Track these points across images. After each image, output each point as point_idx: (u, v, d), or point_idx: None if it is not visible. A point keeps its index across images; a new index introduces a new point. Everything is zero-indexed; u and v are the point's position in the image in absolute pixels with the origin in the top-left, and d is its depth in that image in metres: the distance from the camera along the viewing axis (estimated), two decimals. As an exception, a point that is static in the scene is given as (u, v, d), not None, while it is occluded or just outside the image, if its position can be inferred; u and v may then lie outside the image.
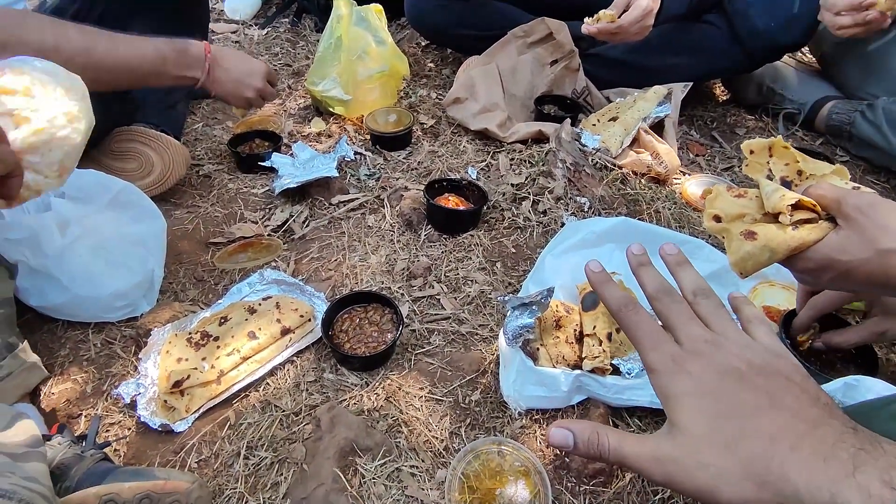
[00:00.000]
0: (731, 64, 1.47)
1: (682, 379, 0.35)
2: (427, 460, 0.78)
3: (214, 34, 1.99)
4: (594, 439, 0.36)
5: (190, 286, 1.06)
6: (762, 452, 0.31)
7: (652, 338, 0.38)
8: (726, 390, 0.34)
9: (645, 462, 0.35)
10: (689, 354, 0.36)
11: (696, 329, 0.38)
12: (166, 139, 1.21)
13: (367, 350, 0.91)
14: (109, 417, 0.84)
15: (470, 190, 1.22)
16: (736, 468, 0.31)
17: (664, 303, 0.40)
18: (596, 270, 0.44)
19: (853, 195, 0.54)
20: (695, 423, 0.34)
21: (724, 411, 0.33)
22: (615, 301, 0.41)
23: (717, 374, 0.35)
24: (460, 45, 1.71)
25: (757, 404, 0.33)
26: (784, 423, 0.32)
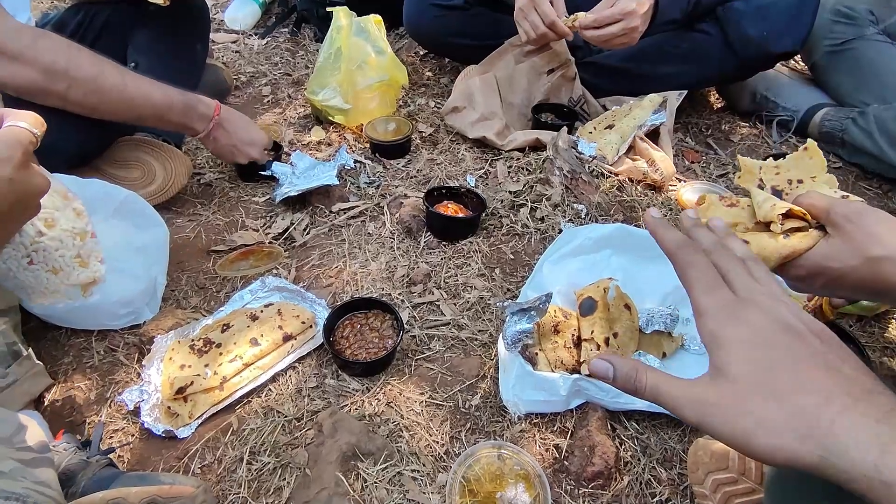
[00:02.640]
0: (725, 72, 1.49)
1: (737, 325, 0.34)
2: (428, 464, 0.80)
3: (215, 44, 2.01)
4: (632, 375, 0.36)
5: (192, 293, 1.08)
6: (814, 407, 0.31)
7: (707, 281, 0.37)
8: (783, 343, 0.33)
9: (681, 402, 0.34)
10: (747, 303, 0.36)
11: (752, 282, 0.38)
12: (168, 148, 1.22)
13: (367, 356, 0.92)
14: (113, 424, 0.85)
15: (468, 197, 1.23)
16: (781, 418, 0.31)
17: (719, 254, 0.40)
18: (655, 216, 0.43)
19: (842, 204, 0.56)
20: (744, 371, 0.33)
21: (778, 363, 0.33)
22: (672, 241, 0.40)
23: (776, 326, 0.34)
24: (458, 55, 1.73)
25: (814, 362, 0.32)
26: (840, 385, 0.31)
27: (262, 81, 1.82)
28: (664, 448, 0.83)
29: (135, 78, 1.03)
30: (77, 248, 0.76)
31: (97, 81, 0.96)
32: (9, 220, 0.60)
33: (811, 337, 0.34)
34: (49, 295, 0.75)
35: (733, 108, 1.71)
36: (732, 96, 1.70)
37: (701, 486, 0.73)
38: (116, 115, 1.03)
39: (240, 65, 1.91)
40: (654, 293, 1.01)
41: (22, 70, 0.91)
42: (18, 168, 0.57)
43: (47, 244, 0.73)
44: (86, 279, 0.77)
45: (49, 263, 0.74)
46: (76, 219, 0.77)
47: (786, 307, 0.36)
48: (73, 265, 0.75)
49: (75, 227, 0.76)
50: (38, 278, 0.74)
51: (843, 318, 1.03)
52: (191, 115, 1.11)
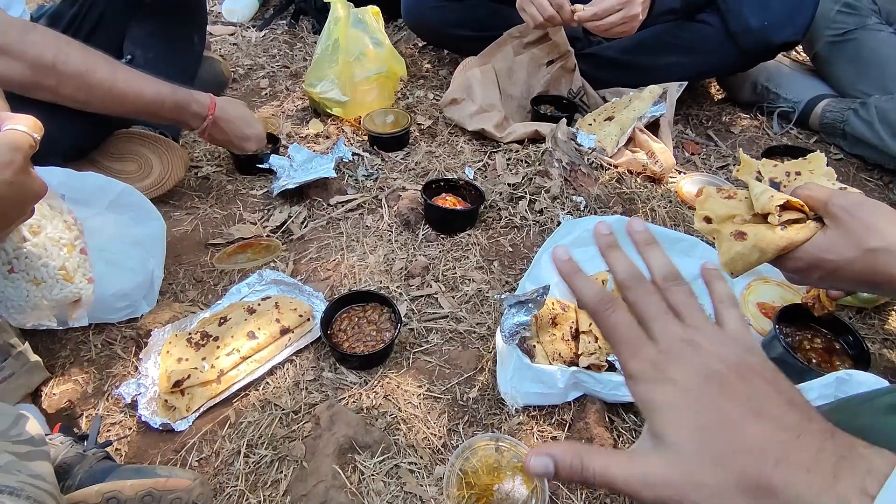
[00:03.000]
0: (726, 63, 1.48)
1: (665, 388, 0.34)
2: (425, 457, 0.79)
3: (212, 36, 2.00)
4: (577, 465, 0.34)
5: (189, 287, 1.07)
6: (752, 467, 0.31)
7: (630, 341, 0.36)
8: (710, 398, 0.33)
9: (634, 485, 0.33)
10: (669, 358, 0.35)
11: (673, 326, 0.37)
12: (165, 141, 1.22)
13: (365, 349, 0.92)
14: (111, 417, 0.85)
15: (467, 190, 1.23)
16: (730, 485, 0.31)
17: (637, 292, 0.38)
18: (564, 259, 0.40)
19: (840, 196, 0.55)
20: (682, 437, 0.33)
21: (710, 423, 0.33)
22: (591, 298, 0.38)
23: (699, 380, 0.34)
24: (457, 46, 1.72)
25: (741, 413, 0.33)
26: (768, 433, 0.32)
27: (259, 74, 1.81)
28: (662, 440, 0.83)
29: (126, 73, 1.01)
30: (62, 260, 0.74)
31: (86, 77, 0.95)
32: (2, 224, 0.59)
33: (732, 379, 0.34)
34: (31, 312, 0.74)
35: (734, 100, 1.69)
36: (733, 87, 1.68)
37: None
38: (107, 110, 1.02)
39: (237, 57, 1.90)
40: (652, 285, 1.01)
41: (10, 64, 0.90)
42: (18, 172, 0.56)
43: (30, 251, 0.72)
44: (70, 296, 0.76)
45: (31, 273, 0.73)
46: (65, 230, 0.76)
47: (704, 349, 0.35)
48: (56, 277, 0.74)
49: (62, 238, 0.75)
50: (18, 289, 0.73)
51: (843, 309, 1.02)
52: (183, 113, 1.10)
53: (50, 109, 1.05)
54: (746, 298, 1.01)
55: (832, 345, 0.90)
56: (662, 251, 0.41)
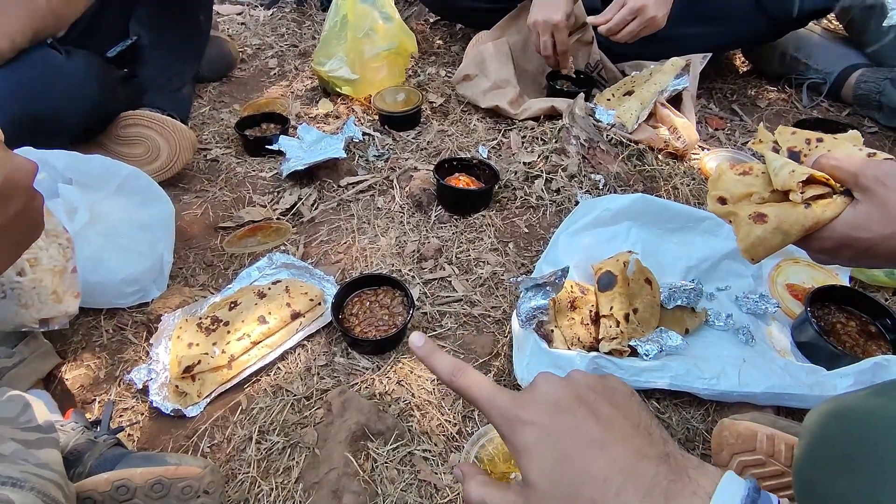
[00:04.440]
0: (754, 32, 1.40)
1: (523, 430, 0.35)
2: (440, 444, 0.77)
3: (220, 16, 1.96)
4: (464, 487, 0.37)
5: (199, 271, 1.06)
6: (599, 498, 0.32)
7: (486, 398, 0.38)
8: (562, 428, 0.34)
9: None
10: (522, 398, 0.36)
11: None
12: (173, 123, 1.19)
13: (377, 333, 0.89)
14: (122, 403, 0.84)
15: (481, 169, 1.19)
16: None
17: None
18: (419, 344, 0.41)
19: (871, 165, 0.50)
20: (540, 476, 0.34)
21: (562, 455, 0.34)
22: (442, 369, 0.40)
23: (548, 415, 0.35)
24: (469, 20, 1.66)
25: (589, 442, 0.34)
26: (613, 460, 0.33)
27: (268, 53, 1.78)
28: (686, 428, 0.80)
29: None
30: (55, 286, 0.76)
31: None
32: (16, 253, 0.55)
33: (578, 409, 0.35)
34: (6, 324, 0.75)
35: (760, 72, 1.61)
36: (759, 59, 1.60)
37: (726, 467, 0.70)
38: None
39: (245, 37, 1.86)
40: (676, 267, 0.97)
41: None
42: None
43: (25, 284, 0.73)
44: (57, 314, 0.77)
45: (22, 299, 0.74)
46: (59, 256, 0.76)
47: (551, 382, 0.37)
48: (46, 301, 0.75)
49: (56, 266, 0.76)
50: (6, 310, 0.74)
51: (879, 291, 0.97)
52: None
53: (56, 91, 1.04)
54: (775, 280, 0.96)
55: (868, 328, 0.86)
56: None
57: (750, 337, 0.88)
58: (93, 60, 1.14)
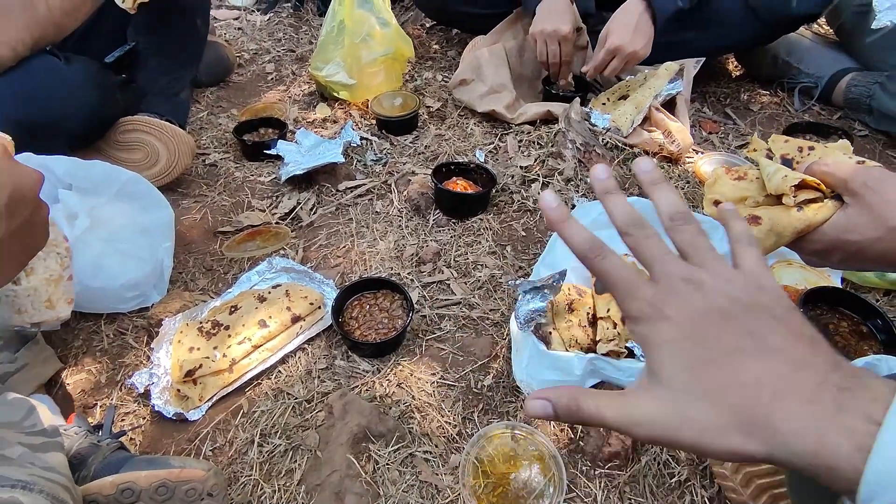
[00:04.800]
0: (746, 37, 1.42)
1: (661, 326, 0.33)
2: (440, 446, 0.78)
3: (217, 21, 1.97)
4: (573, 406, 0.34)
5: (199, 275, 1.06)
6: (747, 401, 0.30)
7: (626, 285, 0.35)
8: (708, 334, 0.32)
9: (625, 424, 0.33)
10: (667, 295, 0.33)
11: (673, 265, 0.35)
12: (171, 128, 1.20)
13: (377, 336, 0.90)
14: (124, 407, 0.85)
15: (478, 173, 1.20)
16: (722, 420, 0.30)
17: (635, 237, 0.36)
18: (553, 206, 0.37)
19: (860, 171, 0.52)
20: (676, 374, 0.32)
21: (706, 358, 0.31)
22: (580, 245, 0.36)
23: (697, 316, 0.32)
24: (466, 25, 1.67)
25: (740, 347, 0.31)
26: (768, 366, 0.30)
27: (265, 58, 1.78)
28: (682, 427, 0.81)
29: None
30: (49, 294, 0.76)
31: None
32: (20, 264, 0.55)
33: (737, 314, 0.32)
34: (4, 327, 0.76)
35: (753, 76, 1.64)
36: (752, 63, 1.62)
37: (721, 466, 0.71)
38: None
39: (242, 42, 1.87)
40: (671, 269, 0.98)
41: None
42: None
43: (20, 292, 0.74)
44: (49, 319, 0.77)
45: (16, 306, 0.74)
46: (56, 266, 0.77)
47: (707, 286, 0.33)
48: (40, 308, 0.76)
49: (52, 276, 0.76)
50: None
51: (871, 292, 0.99)
52: None
53: (56, 96, 1.04)
54: (768, 281, 0.98)
55: (860, 328, 0.87)
56: (671, 189, 0.39)
57: (744, 338, 0.90)
58: (91, 66, 1.15)
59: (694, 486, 0.75)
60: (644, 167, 0.40)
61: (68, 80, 1.06)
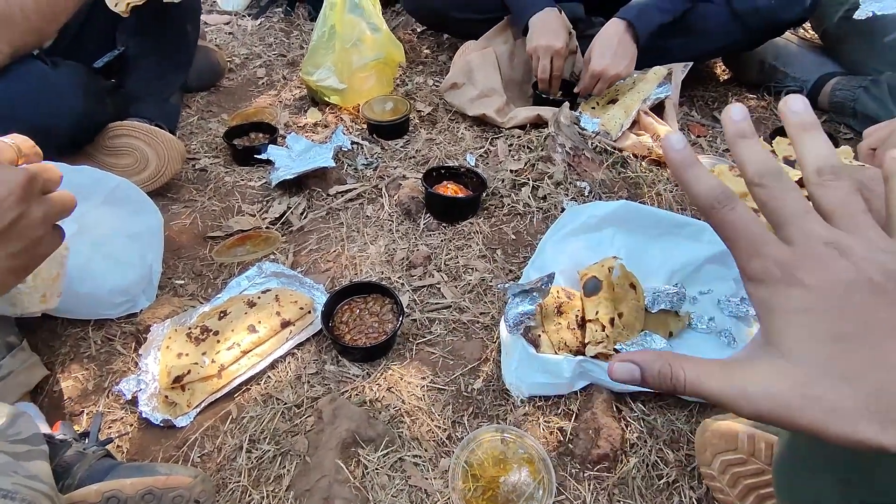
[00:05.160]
0: (732, 42, 1.44)
1: (793, 292, 0.28)
2: (430, 450, 0.78)
3: (207, 26, 1.97)
4: (666, 373, 0.30)
5: (189, 281, 1.06)
6: (892, 386, 0.27)
7: (752, 240, 0.30)
8: (853, 307, 0.28)
9: (732, 397, 0.29)
10: (805, 260, 0.29)
11: (816, 225, 0.29)
12: (161, 133, 1.20)
13: (367, 341, 0.90)
14: (111, 414, 0.84)
15: (468, 177, 1.20)
16: (856, 403, 0.27)
17: (771, 189, 0.30)
18: (678, 147, 0.32)
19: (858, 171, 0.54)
20: (806, 348, 0.28)
21: (847, 334, 0.28)
22: (705, 193, 0.31)
23: (842, 287, 0.28)
24: (457, 30, 1.68)
25: (889, 329, 0.27)
26: None
27: (256, 63, 1.78)
28: (671, 429, 0.81)
29: None
30: (45, 289, 0.78)
31: None
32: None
33: (889, 292, 0.28)
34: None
35: (740, 80, 1.65)
36: (739, 67, 1.64)
37: (709, 467, 0.71)
38: None
39: (233, 46, 1.87)
40: (659, 271, 0.99)
41: None
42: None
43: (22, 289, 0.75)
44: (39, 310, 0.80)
45: (12, 300, 0.76)
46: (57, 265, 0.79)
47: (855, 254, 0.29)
48: (34, 301, 0.78)
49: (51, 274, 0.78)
50: None
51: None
52: None
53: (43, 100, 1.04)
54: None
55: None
56: (825, 140, 0.32)
57: (732, 339, 0.91)
58: (79, 71, 1.14)
59: (682, 487, 0.75)
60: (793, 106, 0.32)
61: (55, 85, 1.05)
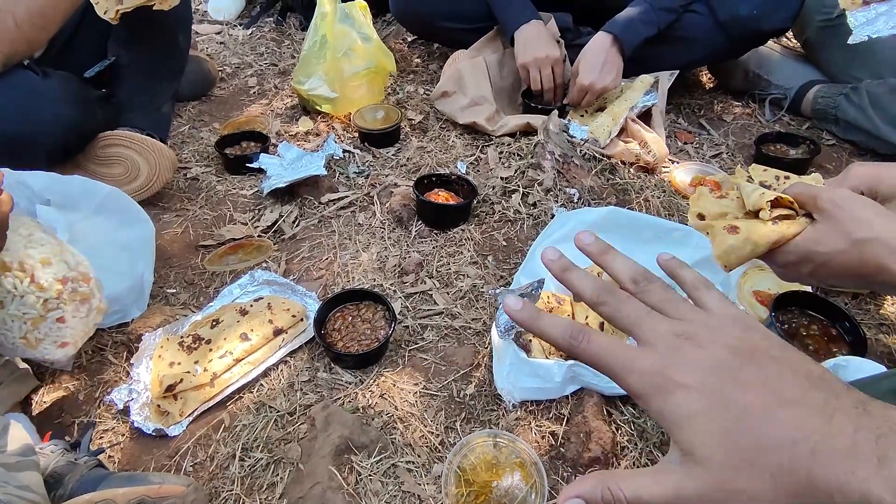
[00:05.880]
0: (716, 51, 1.47)
1: (679, 396, 0.31)
2: (423, 455, 0.79)
3: (199, 35, 1.97)
4: (608, 497, 0.32)
5: (181, 290, 1.06)
6: (787, 463, 0.29)
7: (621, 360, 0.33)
8: (724, 394, 0.31)
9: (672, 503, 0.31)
10: (671, 359, 0.32)
11: (660, 324, 0.33)
12: (152, 143, 1.20)
13: (360, 348, 0.91)
14: (103, 424, 0.84)
15: (459, 184, 1.22)
16: (767, 487, 0.29)
17: (611, 304, 0.35)
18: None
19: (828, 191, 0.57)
20: (710, 448, 0.30)
21: (733, 424, 0.30)
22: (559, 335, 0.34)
23: (709, 376, 0.31)
24: (447, 39, 1.70)
25: (762, 404, 0.30)
26: (797, 420, 0.29)
27: (247, 72, 1.79)
28: (661, 432, 0.82)
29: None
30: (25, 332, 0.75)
31: None
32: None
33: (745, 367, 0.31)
34: None
35: (726, 88, 1.69)
36: (724, 75, 1.68)
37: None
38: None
39: (225, 56, 1.88)
40: (648, 276, 1.00)
41: None
42: None
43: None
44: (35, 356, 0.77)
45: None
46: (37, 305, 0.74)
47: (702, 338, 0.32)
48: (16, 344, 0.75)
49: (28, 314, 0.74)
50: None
51: (839, 295, 1.02)
52: None
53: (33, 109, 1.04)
54: (742, 287, 1.00)
55: (829, 331, 0.90)
56: (622, 255, 0.38)
57: (720, 342, 0.92)
58: (70, 81, 1.14)
59: (673, 489, 0.76)
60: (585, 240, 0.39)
61: (45, 94, 1.05)
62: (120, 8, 1.08)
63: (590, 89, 1.33)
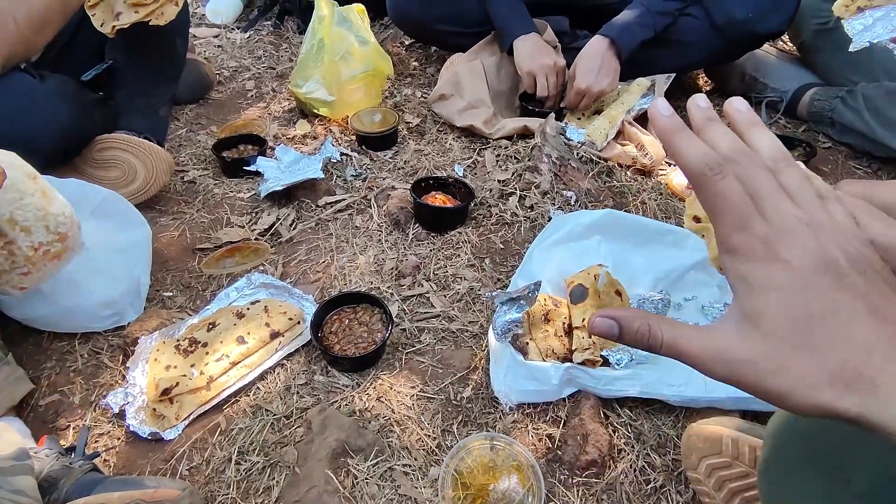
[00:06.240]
0: (712, 54, 1.47)
1: (774, 269, 0.30)
2: (420, 458, 0.78)
3: (196, 38, 1.98)
4: (644, 331, 0.32)
5: (177, 293, 1.06)
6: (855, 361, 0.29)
7: (739, 214, 0.31)
8: (822, 289, 0.30)
9: (708, 360, 0.31)
10: (784, 236, 0.30)
11: (788, 204, 0.31)
12: (149, 146, 1.20)
13: (357, 351, 0.90)
14: (98, 428, 0.84)
15: (457, 187, 1.22)
16: (820, 374, 0.29)
17: (746, 168, 0.32)
18: (666, 114, 0.33)
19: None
20: (779, 324, 0.30)
21: (816, 313, 0.29)
22: (696, 160, 0.32)
23: (816, 267, 0.30)
24: (444, 43, 1.70)
25: (854, 308, 0.29)
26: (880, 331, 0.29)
27: (245, 76, 1.79)
28: (658, 434, 0.82)
29: None
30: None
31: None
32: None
33: (850, 273, 0.30)
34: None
35: (722, 90, 1.69)
36: (721, 78, 1.68)
37: (695, 471, 0.72)
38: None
39: (222, 59, 1.88)
40: (644, 278, 1.00)
41: None
42: None
43: None
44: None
45: None
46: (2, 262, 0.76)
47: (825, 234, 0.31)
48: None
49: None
50: None
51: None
52: None
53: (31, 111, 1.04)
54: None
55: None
56: (769, 132, 0.35)
57: (716, 345, 0.92)
58: (67, 84, 1.14)
59: (669, 491, 0.76)
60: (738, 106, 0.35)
61: (42, 97, 1.05)
62: (116, 24, 1.08)
63: (587, 92, 1.34)
